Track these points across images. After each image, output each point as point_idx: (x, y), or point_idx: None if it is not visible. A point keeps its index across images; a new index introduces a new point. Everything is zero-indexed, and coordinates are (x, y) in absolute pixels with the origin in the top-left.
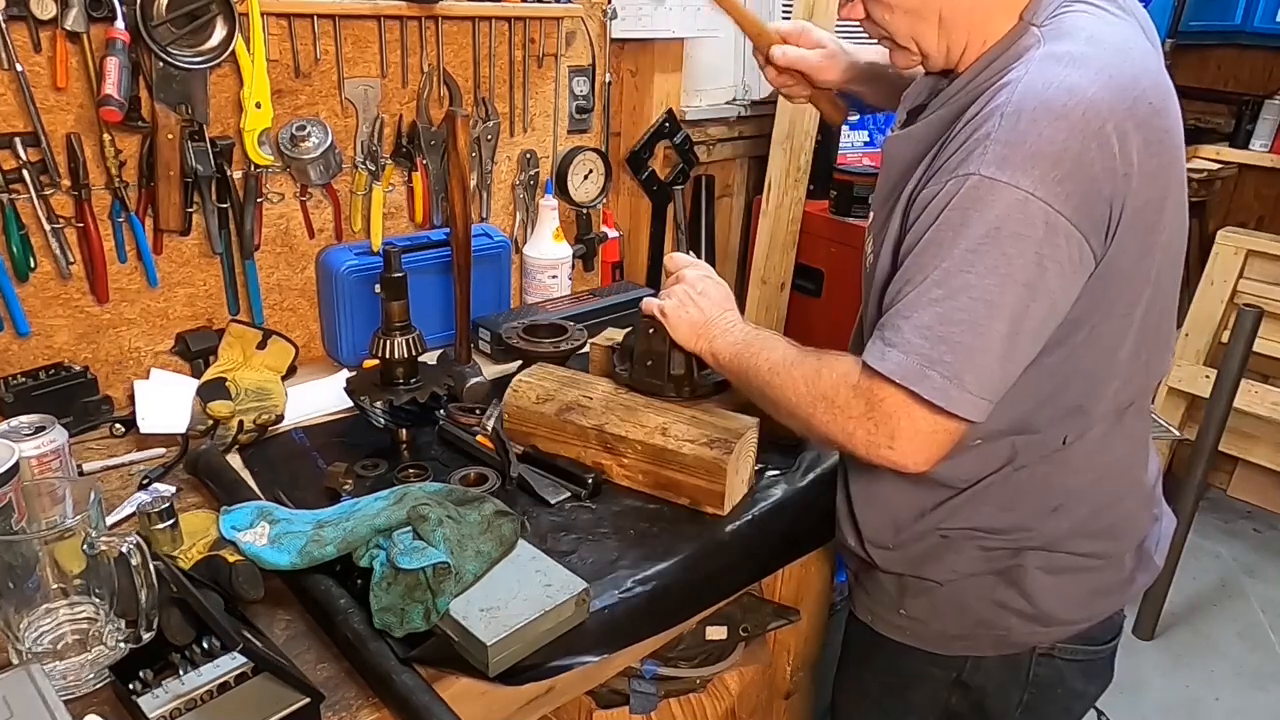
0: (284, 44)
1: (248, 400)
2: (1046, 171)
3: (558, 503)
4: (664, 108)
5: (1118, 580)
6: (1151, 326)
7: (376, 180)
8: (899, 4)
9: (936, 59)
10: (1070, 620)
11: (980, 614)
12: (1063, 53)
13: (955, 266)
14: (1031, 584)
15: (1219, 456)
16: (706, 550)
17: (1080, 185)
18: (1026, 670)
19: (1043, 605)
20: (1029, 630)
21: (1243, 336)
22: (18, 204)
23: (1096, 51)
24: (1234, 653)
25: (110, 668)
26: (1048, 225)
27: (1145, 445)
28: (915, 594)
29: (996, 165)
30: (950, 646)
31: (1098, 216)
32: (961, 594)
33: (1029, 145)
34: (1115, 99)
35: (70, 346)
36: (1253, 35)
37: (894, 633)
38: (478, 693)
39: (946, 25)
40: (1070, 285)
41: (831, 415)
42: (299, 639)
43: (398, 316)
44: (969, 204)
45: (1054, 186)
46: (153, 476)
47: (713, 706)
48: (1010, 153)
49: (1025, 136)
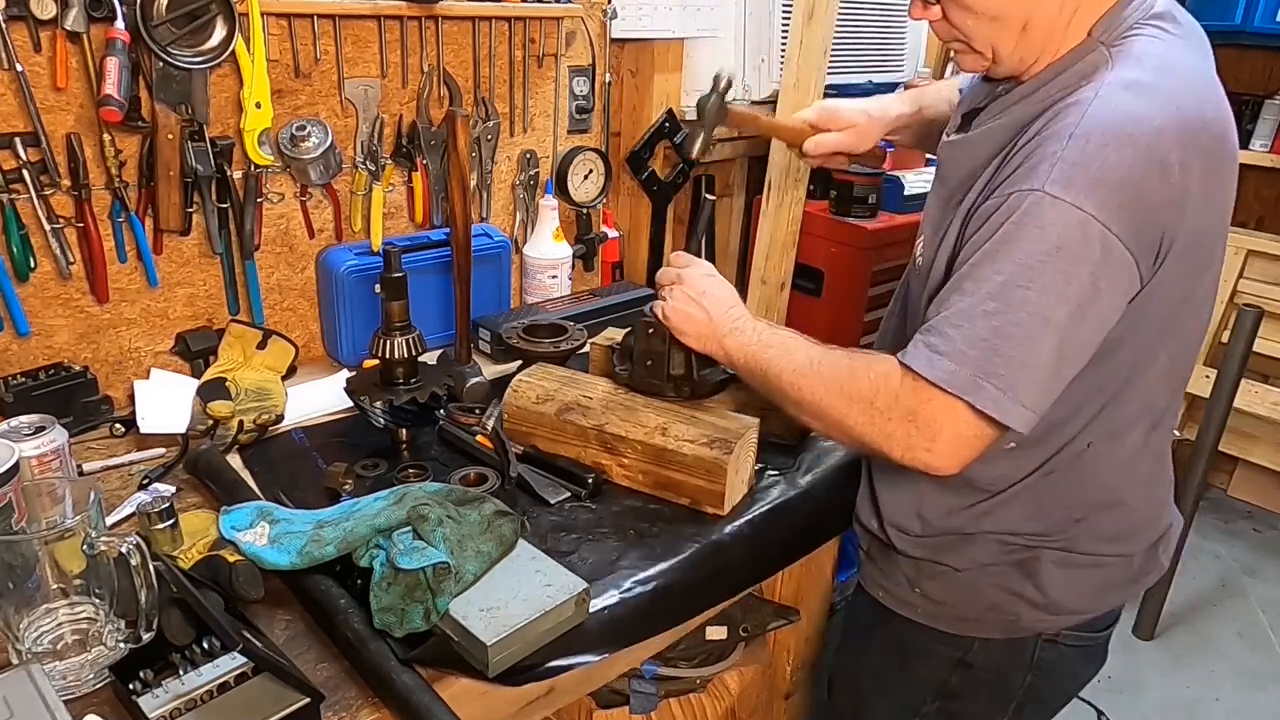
0: (284, 44)
1: (248, 400)
2: (1109, 196)
3: (558, 503)
4: (664, 108)
5: (1127, 576)
6: (1184, 347)
7: (376, 180)
8: (984, 10)
9: (1008, 66)
10: (1078, 611)
11: (993, 599)
12: (1132, 80)
13: (1013, 281)
14: (1045, 577)
15: (1219, 456)
16: (707, 550)
17: (1138, 212)
18: (1031, 654)
19: (1054, 596)
20: (1037, 617)
21: (1243, 336)
22: (18, 204)
23: (1165, 81)
24: (1234, 653)
25: (110, 668)
26: (1104, 248)
27: (1168, 460)
28: (931, 576)
29: (1062, 185)
30: (960, 627)
31: (1149, 242)
32: (977, 580)
33: (1094, 169)
34: (1180, 129)
35: (70, 346)
36: (1253, 35)
37: (905, 609)
38: (478, 693)
39: (1029, 34)
40: (1119, 306)
41: (869, 417)
42: (299, 639)
43: (398, 316)
44: (1031, 220)
45: (1115, 211)
46: (153, 476)
47: (713, 706)
48: (1076, 174)
49: (1092, 160)
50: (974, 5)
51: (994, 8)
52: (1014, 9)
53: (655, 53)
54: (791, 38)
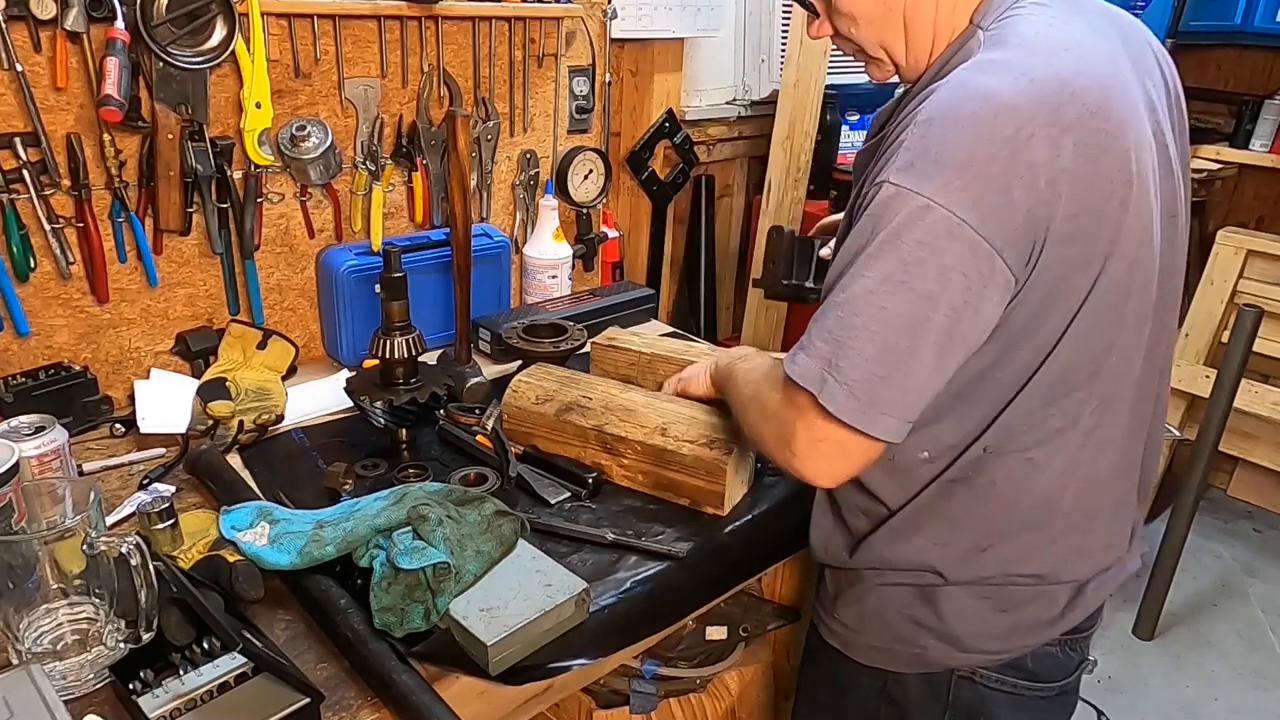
0: (284, 44)
1: (248, 400)
2: (950, 179)
3: (558, 503)
4: (664, 108)
5: (1046, 618)
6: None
7: (376, 180)
8: (862, 14)
9: (908, 67)
10: (988, 650)
11: (898, 629)
12: (987, 60)
13: (857, 272)
14: (947, 605)
15: (1219, 456)
16: (706, 551)
17: (988, 194)
18: (946, 691)
19: (957, 629)
20: (945, 651)
21: (1243, 336)
22: (18, 204)
23: (1023, 55)
24: (1234, 653)
25: (110, 668)
26: (949, 235)
27: (1113, 482)
28: (846, 601)
29: (903, 173)
30: (873, 658)
31: (1012, 228)
32: (883, 606)
33: (933, 154)
34: (1036, 103)
35: (70, 346)
36: (1253, 35)
37: (830, 637)
38: (477, 692)
39: (912, 30)
40: (982, 300)
41: (758, 412)
42: (299, 639)
43: (398, 316)
44: (878, 210)
45: (958, 194)
46: (153, 476)
47: (713, 706)
48: (917, 159)
49: (931, 145)
50: (849, 9)
51: (867, 10)
52: (887, 7)
53: (655, 53)
54: (791, 38)
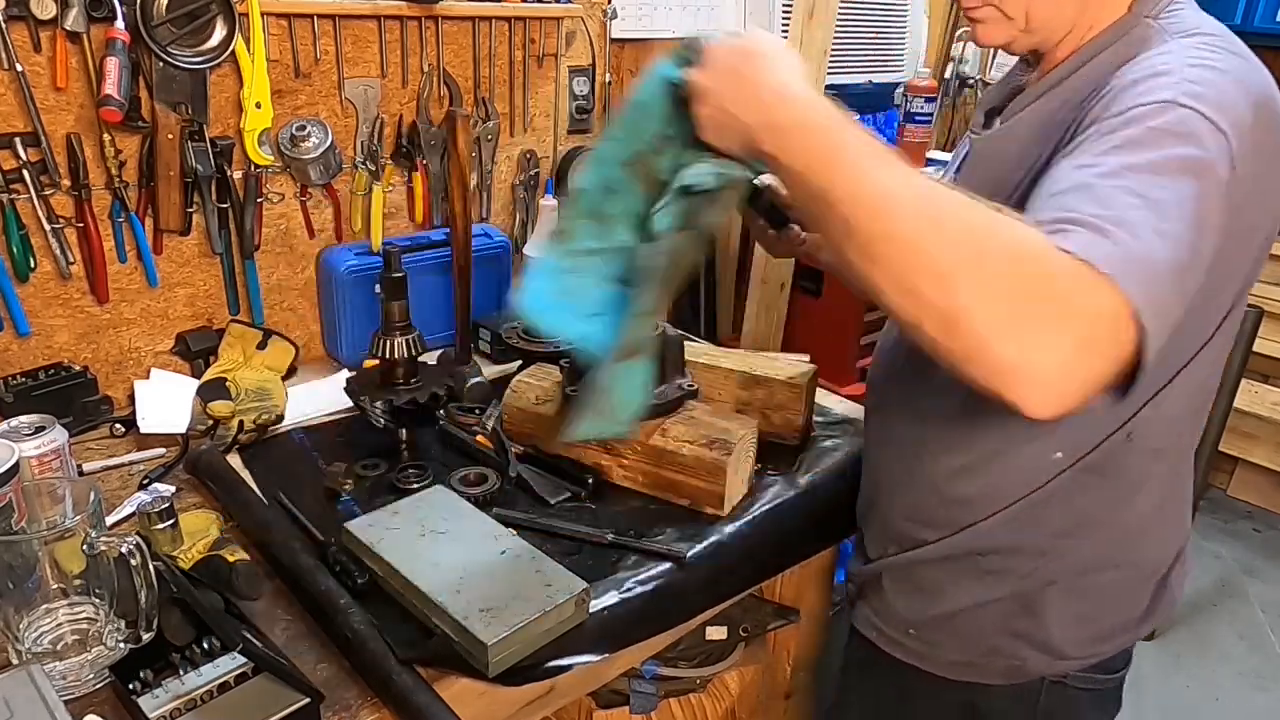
0: (284, 44)
1: (248, 400)
2: (1233, 122)
3: (558, 503)
4: None
5: (1136, 615)
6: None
7: (376, 180)
8: None
9: (1039, 35)
10: (1085, 655)
11: (994, 642)
12: (1206, 39)
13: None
14: (1051, 614)
15: (1219, 456)
16: (706, 551)
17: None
18: (1036, 700)
19: (1058, 637)
20: (1045, 662)
21: (1243, 337)
22: (18, 204)
23: (1238, 46)
24: (1234, 653)
25: (110, 668)
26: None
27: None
28: (919, 611)
29: (1191, 97)
30: (957, 672)
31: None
32: (977, 621)
33: (1214, 94)
34: (1261, 85)
35: (70, 346)
36: (1253, 35)
37: (899, 651)
38: (477, 693)
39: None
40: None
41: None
42: (299, 639)
43: (398, 316)
44: (1164, 124)
45: (1236, 141)
46: (153, 476)
47: (713, 706)
48: (1204, 91)
49: (1209, 87)
50: None
51: None
52: None
53: (655, 53)
54: (791, 38)
